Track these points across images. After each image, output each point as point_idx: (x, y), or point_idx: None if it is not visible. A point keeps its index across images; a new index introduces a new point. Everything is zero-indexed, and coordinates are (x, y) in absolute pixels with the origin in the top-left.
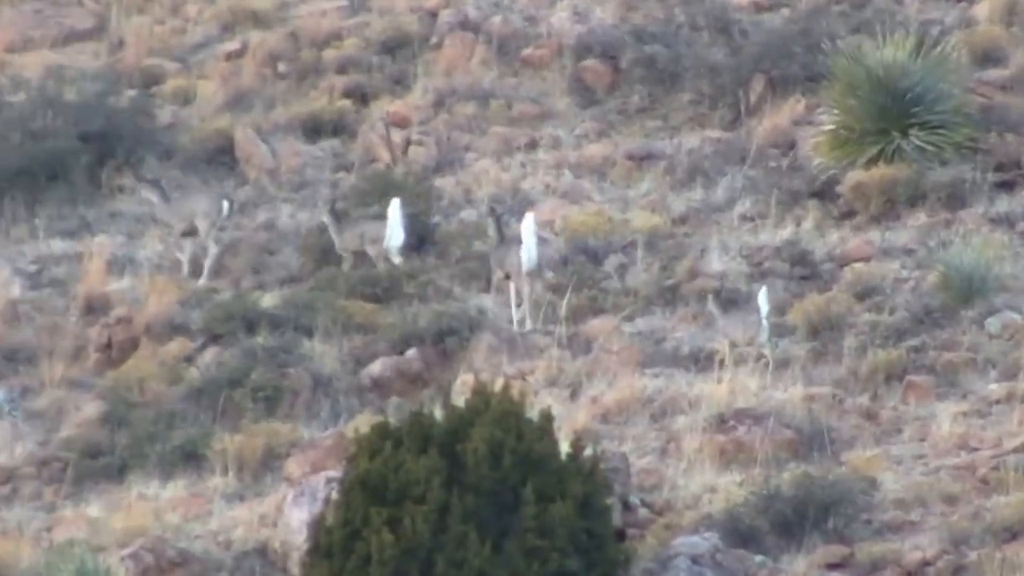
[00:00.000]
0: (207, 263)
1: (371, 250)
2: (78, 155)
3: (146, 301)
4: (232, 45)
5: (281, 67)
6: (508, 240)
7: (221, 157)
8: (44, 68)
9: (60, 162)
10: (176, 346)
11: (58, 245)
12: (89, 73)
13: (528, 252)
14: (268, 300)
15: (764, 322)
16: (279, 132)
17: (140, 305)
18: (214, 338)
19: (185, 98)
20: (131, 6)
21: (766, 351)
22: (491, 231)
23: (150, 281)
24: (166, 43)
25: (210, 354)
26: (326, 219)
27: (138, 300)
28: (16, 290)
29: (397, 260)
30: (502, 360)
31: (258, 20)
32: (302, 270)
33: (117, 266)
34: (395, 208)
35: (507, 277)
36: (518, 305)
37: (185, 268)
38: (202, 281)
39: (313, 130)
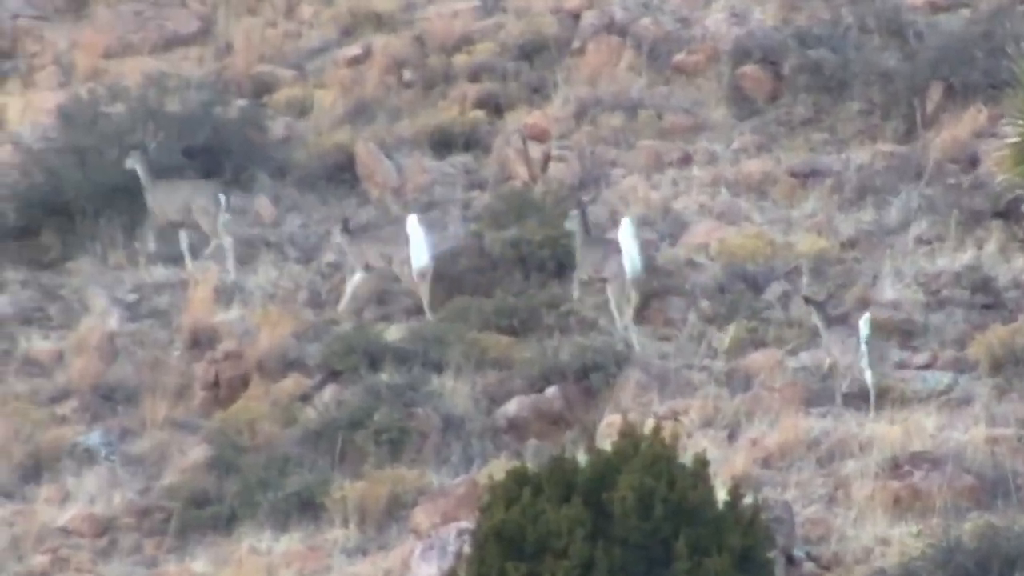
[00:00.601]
0: (228, 256)
1: (399, 271)
2: (182, 172)
3: (258, 334)
4: (352, 50)
5: (407, 74)
6: (597, 238)
7: (340, 174)
8: (144, 76)
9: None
10: (291, 384)
11: (160, 272)
12: (193, 81)
13: (631, 259)
14: (393, 333)
15: (863, 347)
16: (404, 147)
17: (251, 338)
18: (333, 375)
19: (300, 109)
20: (240, 7)
21: (867, 378)
22: (574, 226)
23: (262, 311)
24: (279, 48)
25: (329, 392)
26: (339, 239)
27: (249, 332)
28: (114, 322)
29: (423, 286)
30: (652, 398)
31: (381, 22)
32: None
33: (225, 295)
34: (414, 225)
35: (603, 282)
36: (620, 314)
37: (188, 260)
38: (231, 277)
39: (442, 144)
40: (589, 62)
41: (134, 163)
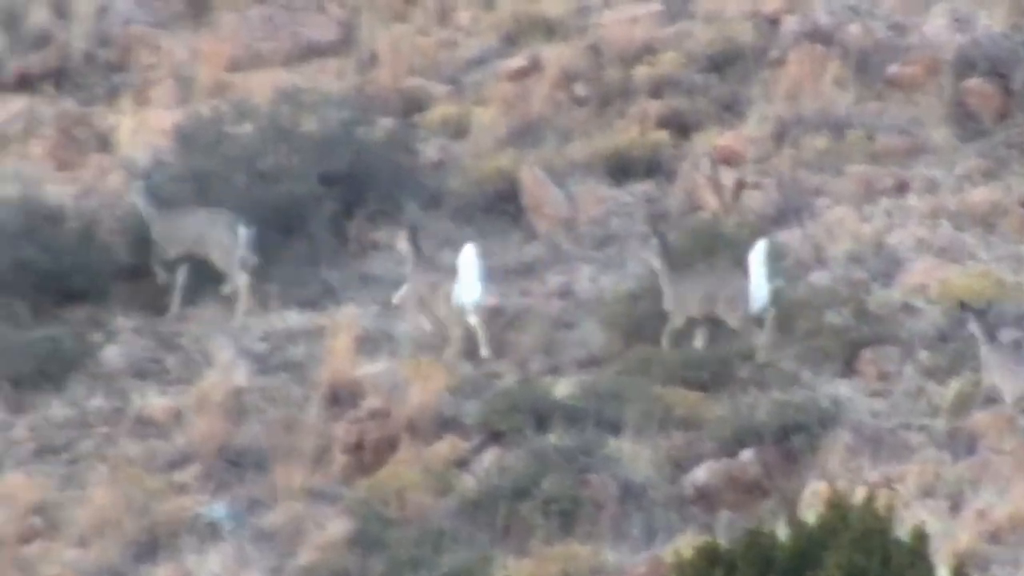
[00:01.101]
0: (240, 298)
1: (443, 308)
2: (319, 202)
3: (407, 389)
4: (517, 61)
5: (579, 89)
6: (688, 269)
7: (502, 204)
8: (275, 91)
9: (296, 211)
10: (446, 447)
11: (294, 318)
12: (333, 97)
13: (758, 288)
14: (563, 387)
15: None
16: (577, 172)
17: (399, 394)
18: (494, 436)
19: (456, 129)
20: (386, 12)
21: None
22: (654, 258)
23: (412, 363)
24: (432, 59)
25: (489, 456)
26: (404, 247)
27: (397, 388)
28: (242, 376)
29: (472, 320)
30: (863, 463)
31: (550, 30)
32: (607, 349)
33: (369, 344)
34: (470, 254)
35: (711, 320)
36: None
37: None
38: (236, 321)
39: (620, 170)
40: (789, 74)
41: (135, 196)
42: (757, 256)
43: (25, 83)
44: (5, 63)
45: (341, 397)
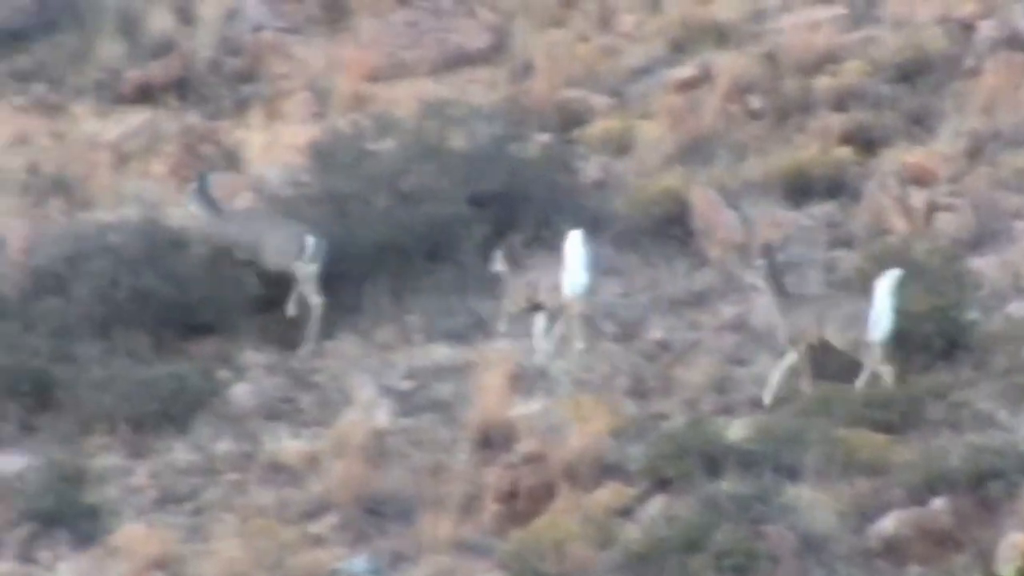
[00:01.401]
0: (310, 326)
1: (547, 299)
2: (468, 225)
3: (566, 431)
4: (685, 71)
5: (754, 101)
6: (800, 297)
7: (670, 228)
8: (421, 104)
9: (443, 235)
10: (607, 494)
11: (441, 352)
12: (484, 110)
13: (881, 316)
14: (737, 429)
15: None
16: (752, 193)
17: (557, 437)
18: (661, 483)
19: (619, 145)
20: (542, 17)
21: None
22: (762, 282)
23: (571, 403)
24: (592, 68)
25: (656, 505)
26: (500, 267)
27: (554, 429)
28: (383, 416)
29: (577, 308)
30: None
31: (722, 36)
32: (784, 387)
33: (524, 381)
34: (576, 242)
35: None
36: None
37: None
38: (304, 348)
39: (799, 190)
40: (985, 85)
41: (189, 200)
42: (885, 284)
43: (145, 95)
44: (123, 73)
45: (493, 440)
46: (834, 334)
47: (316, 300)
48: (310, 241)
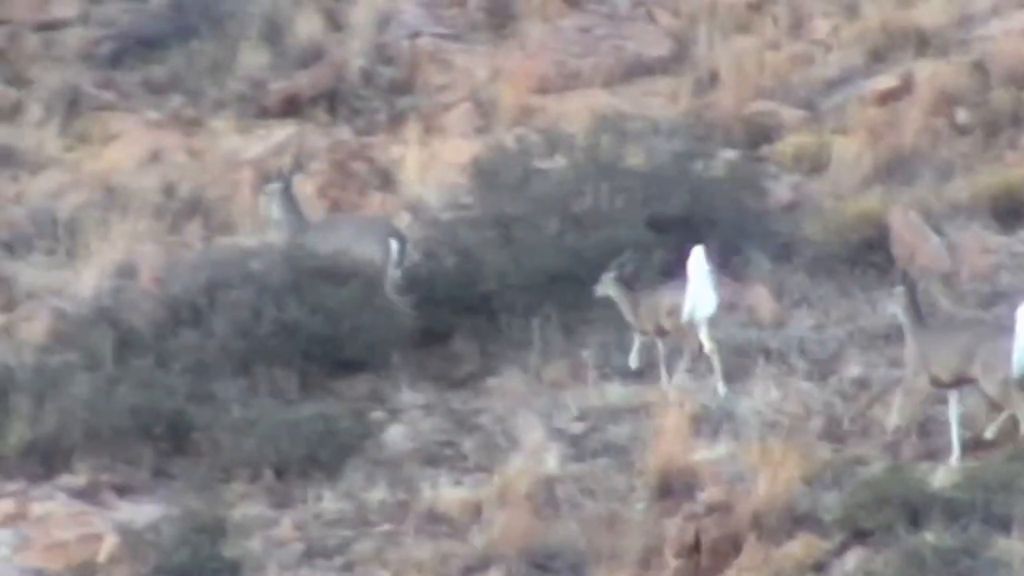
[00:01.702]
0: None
1: (668, 323)
2: (647, 251)
3: (754, 478)
4: (886, 81)
5: (961, 115)
6: (940, 324)
7: (868, 254)
8: (594, 117)
9: (579, 261)
10: (799, 547)
11: (616, 391)
12: (664, 125)
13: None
14: (942, 476)
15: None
16: (958, 216)
17: (744, 484)
18: (859, 535)
19: (813, 163)
20: (728, 22)
21: None
22: (900, 310)
23: (759, 447)
24: (783, 78)
25: (853, 559)
26: (612, 291)
27: (741, 476)
28: (552, 461)
29: (707, 341)
30: None
31: (926, 43)
32: (995, 430)
33: (708, 423)
34: (700, 258)
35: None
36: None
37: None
38: None
39: (1011, 213)
40: None
41: (270, 203)
42: None
43: (292, 107)
44: (267, 84)
45: (673, 487)
46: (981, 373)
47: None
48: (394, 244)
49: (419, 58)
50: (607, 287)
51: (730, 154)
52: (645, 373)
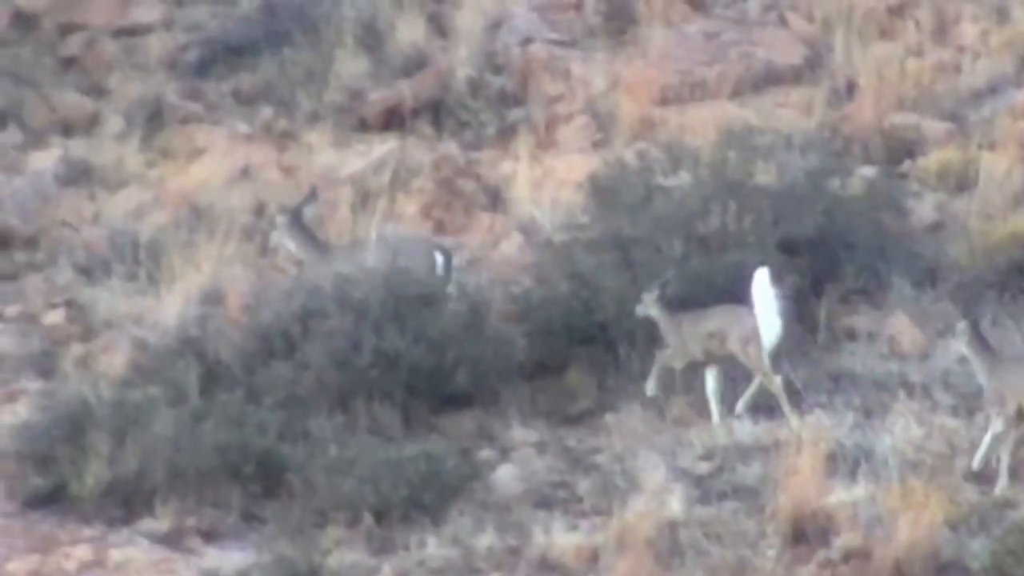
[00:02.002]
0: None
1: (711, 347)
2: (778, 276)
3: (893, 522)
4: None
5: None
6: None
7: (1018, 279)
8: (721, 131)
9: (748, 288)
10: None
11: (744, 428)
12: (796, 139)
13: None
14: None
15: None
16: None
17: (884, 529)
18: None
19: (959, 181)
20: (868, 27)
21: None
22: (966, 346)
23: (900, 489)
24: (926, 88)
25: None
26: (653, 311)
27: (880, 520)
28: (676, 504)
29: (765, 372)
30: None
31: None
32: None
33: (844, 463)
34: (764, 281)
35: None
36: None
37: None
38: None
39: None
40: None
41: (283, 237)
42: None
43: (393, 120)
44: (367, 94)
45: (807, 532)
46: None
47: None
48: (439, 258)
49: (531, 66)
50: (648, 307)
51: (868, 171)
52: (775, 408)
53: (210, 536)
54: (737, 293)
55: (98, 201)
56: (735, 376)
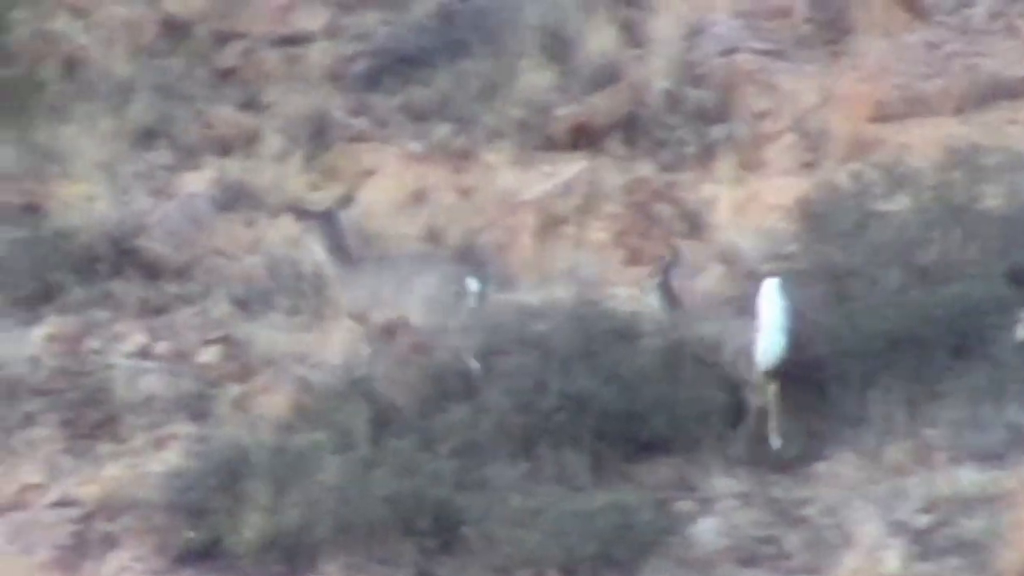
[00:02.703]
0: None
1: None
2: (1007, 310)
3: None
4: None
5: None
6: None
7: None
8: (944, 150)
9: (974, 324)
10: None
11: (969, 477)
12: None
13: None
14: None
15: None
16: None
17: None
18: None
19: None
20: None
21: None
22: None
23: None
24: None
25: None
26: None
27: None
28: (893, 560)
29: (763, 392)
30: None
31: None
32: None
33: None
34: (772, 292)
35: None
36: None
37: None
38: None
39: None
40: None
41: (313, 247)
42: None
43: (582, 137)
44: (553, 109)
45: None
46: None
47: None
48: (472, 284)
49: (735, 79)
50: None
51: None
52: (1005, 455)
53: None
54: (962, 330)
55: (256, 227)
56: None
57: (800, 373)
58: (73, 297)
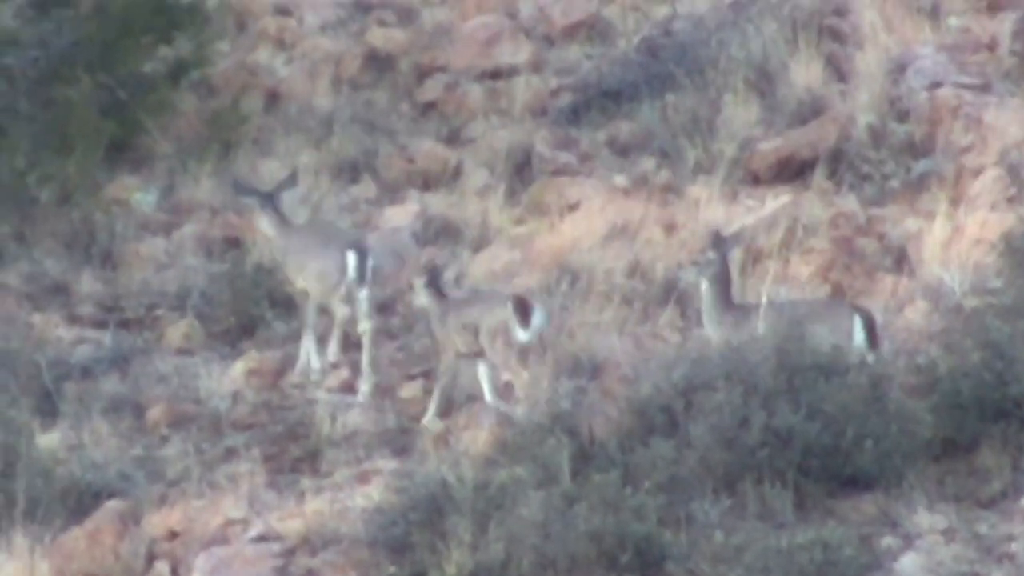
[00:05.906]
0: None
1: (487, 344)
2: None
3: None
4: None
5: None
6: None
7: None
8: None
9: None
10: None
11: None
12: None
13: None
14: None
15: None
16: None
17: None
18: None
19: None
20: None
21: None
22: None
23: None
24: None
25: None
26: (423, 298)
27: None
28: None
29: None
30: None
31: None
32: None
33: None
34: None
35: None
36: None
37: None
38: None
39: None
40: None
41: (259, 222)
42: None
43: (786, 172)
44: (757, 143)
45: None
46: None
47: (367, 326)
48: (352, 256)
49: (940, 113)
50: (419, 293)
51: None
52: None
53: None
54: None
55: (460, 261)
56: None
57: (1007, 408)
58: (274, 331)
